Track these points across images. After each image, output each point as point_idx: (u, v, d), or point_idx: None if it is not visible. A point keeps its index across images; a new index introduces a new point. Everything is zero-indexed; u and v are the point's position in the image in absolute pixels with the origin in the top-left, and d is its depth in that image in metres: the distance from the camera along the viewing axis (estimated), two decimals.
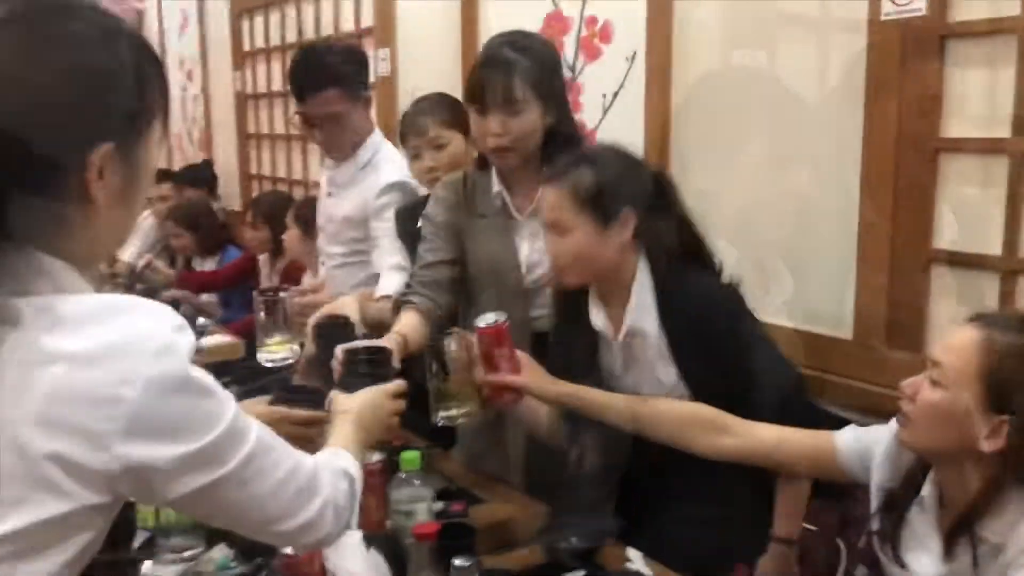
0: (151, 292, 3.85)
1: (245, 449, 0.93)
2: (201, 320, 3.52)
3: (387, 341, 1.73)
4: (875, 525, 1.42)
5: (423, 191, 2.39)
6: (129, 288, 3.94)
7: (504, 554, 1.58)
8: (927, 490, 1.37)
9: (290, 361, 1.93)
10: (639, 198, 1.67)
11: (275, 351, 1.94)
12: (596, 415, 1.69)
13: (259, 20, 4.73)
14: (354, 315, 1.89)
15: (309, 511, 1.02)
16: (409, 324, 1.86)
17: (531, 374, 1.68)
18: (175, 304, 3.61)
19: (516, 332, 1.91)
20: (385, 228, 2.41)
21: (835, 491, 1.70)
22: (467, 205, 2.03)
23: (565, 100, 1.99)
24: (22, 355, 0.82)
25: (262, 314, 1.95)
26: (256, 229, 3.79)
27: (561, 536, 1.59)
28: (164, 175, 4.73)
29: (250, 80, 4.93)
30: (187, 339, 0.88)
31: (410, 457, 1.45)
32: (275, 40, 4.59)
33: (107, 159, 0.88)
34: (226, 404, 0.93)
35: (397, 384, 1.48)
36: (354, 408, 1.36)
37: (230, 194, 5.15)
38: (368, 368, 1.51)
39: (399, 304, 1.98)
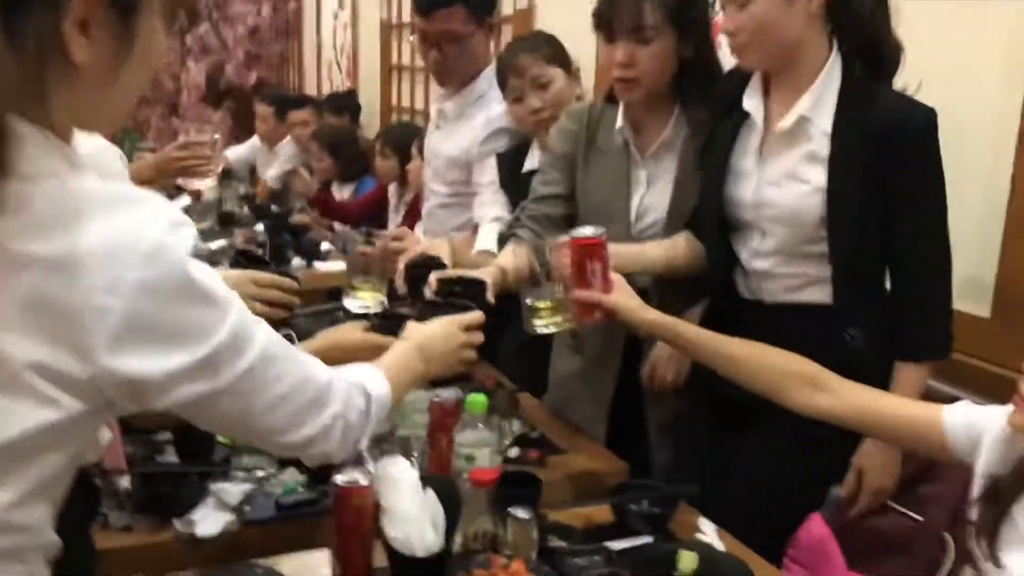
0: (282, 216, 3.95)
1: (245, 361, 0.89)
2: (325, 245, 3.58)
3: (485, 274, 1.67)
4: (973, 515, 1.27)
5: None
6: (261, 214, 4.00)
7: (571, 509, 1.51)
8: None
9: (375, 311, 1.82)
10: None
11: (363, 298, 1.88)
12: (688, 351, 1.59)
13: None
14: (447, 259, 1.80)
15: (315, 425, 1.00)
16: (511, 258, 1.79)
17: (623, 296, 1.56)
18: (302, 231, 3.68)
19: None
20: (489, 176, 2.31)
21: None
22: (588, 137, 1.92)
23: (706, 29, 1.82)
24: None
25: (358, 257, 1.90)
26: (385, 158, 3.81)
27: (633, 498, 1.51)
28: (303, 101, 4.82)
29: (395, 7, 4.91)
30: (184, 237, 0.81)
31: (476, 400, 1.40)
32: None
33: (94, 9, 0.79)
34: (227, 310, 0.87)
35: (473, 315, 1.43)
36: (418, 337, 1.34)
37: (372, 124, 5.20)
38: (455, 299, 1.47)
39: (504, 237, 1.92)
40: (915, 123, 1.50)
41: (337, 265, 3.39)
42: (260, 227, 3.73)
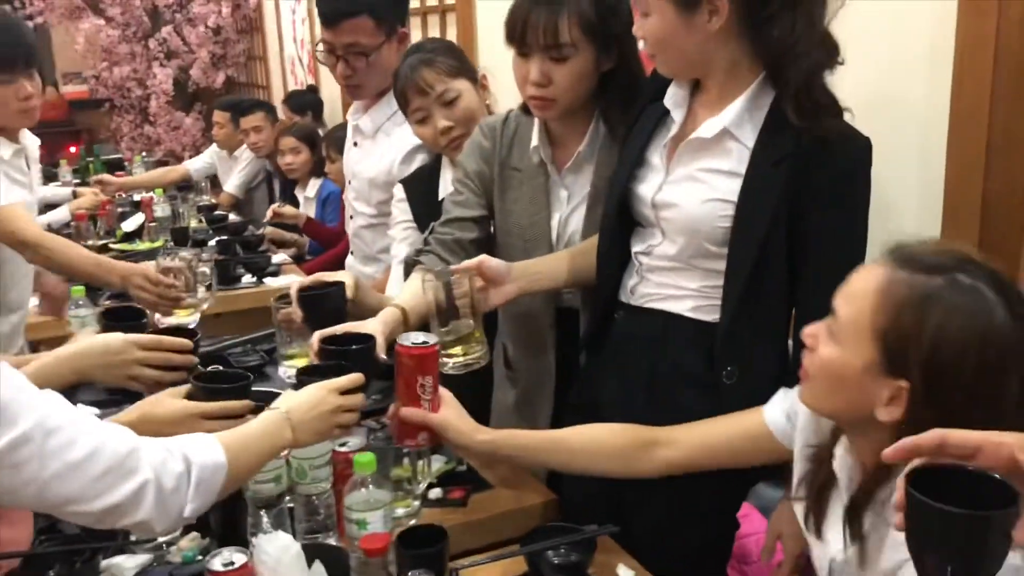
0: (236, 229, 3.84)
1: (13, 432, 0.90)
2: (277, 258, 3.48)
3: (380, 321, 1.57)
4: (798, 495, 1.22)
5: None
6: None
7: (481, 565, 1.42)
8: (838, 459, 1.15)
9: None
10: None
11: (296, 365, 1.70)
12: (527, 459, 1.52)
13: None
14: (348, 292, 1.67)
15: (120, 492, 1.00)
16: (415, 294, 1.65)
17: (453, 414, 1.44)
18: (254, 244, 3.58)
19: (539, 309, 1.77)
20: (403, 207, 2.14)
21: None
22: (503, 155, 1.78)
23: (630, 39, 1.62)
24: None
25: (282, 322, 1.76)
26: (332, 162, 3.69)
27: (549, 544, 1.41)
28: (255, 105, 4.70)
29: None
30: None
31: (363, 460, 1.30)
32: None
33: None
34: None
35: (348, 378, 1.35)
36: (285, 403, 1.28)
37: (335, 120, 5.07)
38: (336, 371, 1.38)
39: (410, 264, 1.80)
40: (844, 159, 1.35)
41: (290, 280, 3.30)
42: (214, 242, 3.64)
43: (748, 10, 1.36)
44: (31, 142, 2.59)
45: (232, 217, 4.19)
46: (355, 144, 2.45)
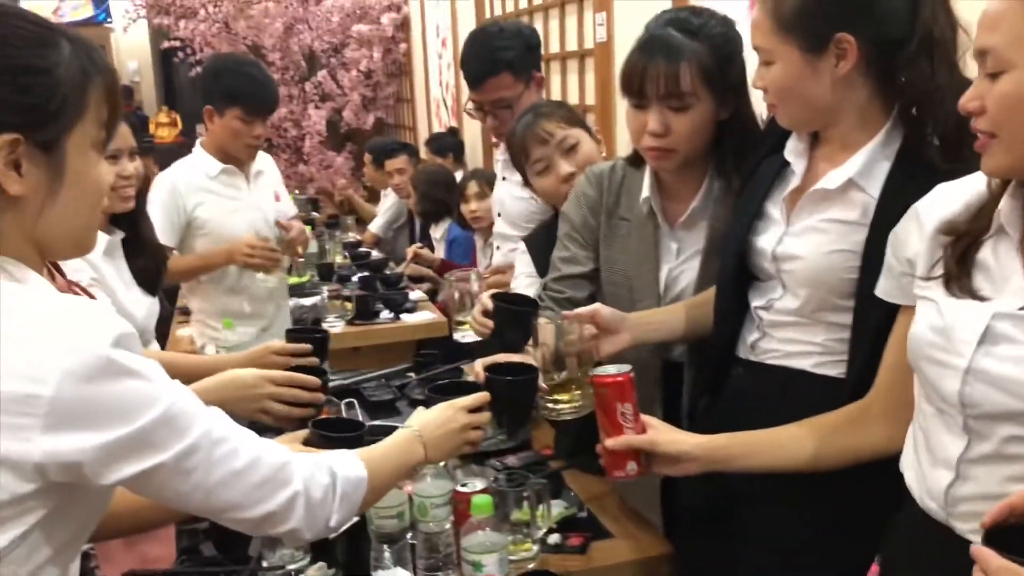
0: (377, 266, 3.97)
1: (186, 440, 0.96)
2: (414, 295, 3.58)
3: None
4: (937, 271, 1.11)
5: None
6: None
7: None
8: (1006, 211, 1.05)
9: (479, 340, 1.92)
10: (861, 17, 1.31)
11: (466, 329, 2.01)
12: (742, 462, 1.38)
13: None
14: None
15: (275, 501, 1.06)
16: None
17: (658, 433, 1.38)
18: (394, 281, 3.71)
19: (646, 362, 1.70)
20: (525, 259, 2.20)
21: None
22: (610, 204, 1.78)
23: (744, 89, 1.63)
24: None
25: (456, 294, 2.02)
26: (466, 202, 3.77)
27: None
28: (399, 148, 4.86)
29: None
30: (109, 326, 0.92)
31: (481, 502, 1.32)
32: (510, 7, 4.52)
33: (22, 153, 0.93)
34: (161, 390, 0.95)
35: (476, 397, 1.40)
36: (417, 422, 1.35)
37: (476, 162, 5.20)
38: (463, 389, 1.44)
39: None
40: None
41: (425, 316, 3.39)
42: (356, 278, 3.78)
43: (879, 54, 1.32)
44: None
45: (375, 254, 4.34)
46: (503, 179, 2.61)
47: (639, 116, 1.62)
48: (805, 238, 1.41)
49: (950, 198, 1.14)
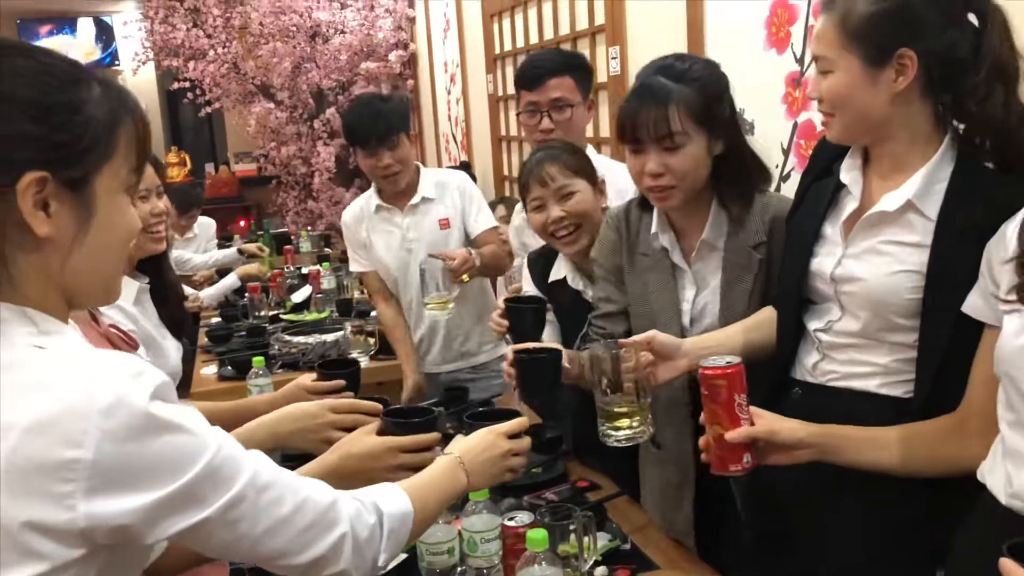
0: None
1: (231, 491, 0.93)
2: None
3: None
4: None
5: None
6: None
7: None
8: None
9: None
10: (927, 34, 1.32)
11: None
12: (847, 454, 1.37)
13: (507, 23, 4.74)
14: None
15: (323, 545, 1.03)
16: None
17: (773, 420, 1.37)
18: None
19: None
20: (527, 275, 2.36)
21: None
22: (629, 243, 1.85)
23: (735, 123, 1.74)
24: None
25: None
26: None
27: None
28: None
29: (500, 82, 4.96)
30: (145, 383, 0.88)
31: (536, 536, 1.32)
32: (520, 42, 4.58)
33: (50, 192, 0.90)
34: (204, 442, 0.92)
35: (514, 423, 1.42)
36: (458, 449, 1.34)
37: (487, 193, 5.22)
38: (502, 416, 1.50)
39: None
40: None
41: None
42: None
43: (938, 73, 1.34)
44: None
45: None
46: None
47: (638, 160, 1.70)
48: (865, 260, 1.42)
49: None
